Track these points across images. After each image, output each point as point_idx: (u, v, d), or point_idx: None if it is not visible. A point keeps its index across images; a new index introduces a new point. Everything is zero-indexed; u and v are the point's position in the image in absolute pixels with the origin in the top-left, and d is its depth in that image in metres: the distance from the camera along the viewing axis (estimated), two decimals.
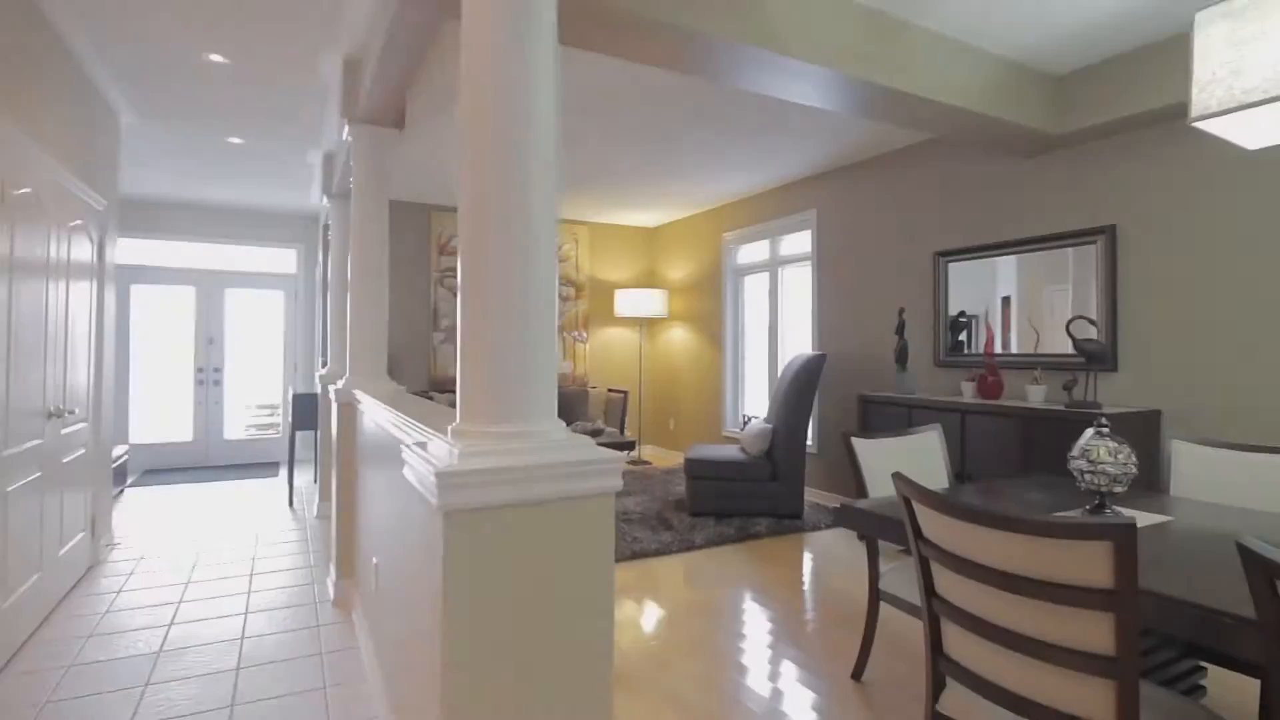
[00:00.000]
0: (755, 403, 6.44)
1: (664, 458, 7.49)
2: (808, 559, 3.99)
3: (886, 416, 4.24)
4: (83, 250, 3.51)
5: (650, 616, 3.12)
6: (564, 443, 1.20)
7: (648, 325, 7.86)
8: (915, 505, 1.55)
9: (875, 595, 2.41)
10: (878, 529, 1.97)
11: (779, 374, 5.96)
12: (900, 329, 4.44)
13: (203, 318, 6.95)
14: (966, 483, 3.71)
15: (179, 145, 4.78)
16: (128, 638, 2.86)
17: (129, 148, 4.86)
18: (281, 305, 7.32)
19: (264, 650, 2.76)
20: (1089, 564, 1.25)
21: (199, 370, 6.94)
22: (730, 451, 4.95)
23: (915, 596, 2.23)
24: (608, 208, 6.84)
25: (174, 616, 3.09)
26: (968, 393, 4.05)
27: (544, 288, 1.20)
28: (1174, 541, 1.77)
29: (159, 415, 6.81)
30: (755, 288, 6.41)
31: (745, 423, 6.31)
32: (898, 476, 1.58)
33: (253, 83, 3.65)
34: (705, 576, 3.67)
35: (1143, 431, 3.28)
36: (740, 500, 4.74)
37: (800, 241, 5.77)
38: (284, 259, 7.33)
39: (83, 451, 3.56)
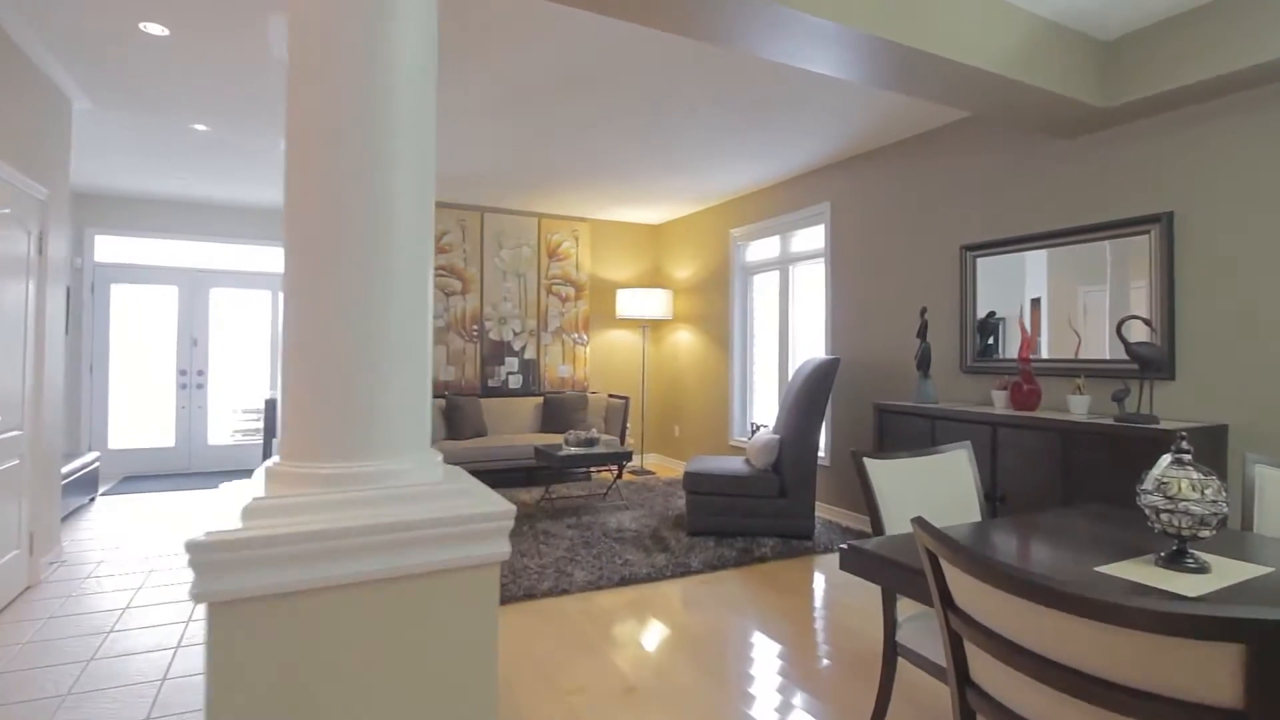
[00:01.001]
0: (765, 410, 6.01)
1: (668, 467, 7.08)
2: (819, 586, 3.56)
3: (906, 428, 3.80)
4: (14, 243, 3.19)
5: (633, 655, 2.72)
6: (427, 489, 0.81)
7: (652, 327, 7.46)
8: (944, 564, 1.15)
9: (891, 650, 1.99)
10: (894, 580, 1.55)
11: (789, 380, 5.53)
12: (922, 331, 4.00)
13: (185, 318, 6.68)
14: (999, 506, 3.27)
15: (143, 134, 4.49)
16: (38, 677, 2.52)
17: (95, 138, 4.57)
18: (269, 305, 7.03)
19: (185, 697, 2.40)
20: (1203, 672, 0.84)
21: (181, 373, 6.66)
22: (734, 464, 4.53)
23: (943, 657, 1.81)
24: (609, 203, 6.47)
25: (97, 650, 2.75)
26: (999, 402, 3.60)
27: (408, 279, 0.83)
28: None
29: (139, 420, 6.54)
30: (765, 287, 5.99)
31: (754, 431, 5.89)
32: (919, 524, 1.17)
33: (199, 58, 3.32)
34: (701, 607, 3.26)
35: (1208, 450, 2.82)
36: (744, 518, 4.32)
37: (813, 237, 5.35)
38: (271, 257, 7.05)
39: (16, 462, 3.24)
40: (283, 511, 0.74)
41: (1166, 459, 1.57)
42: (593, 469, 6.57)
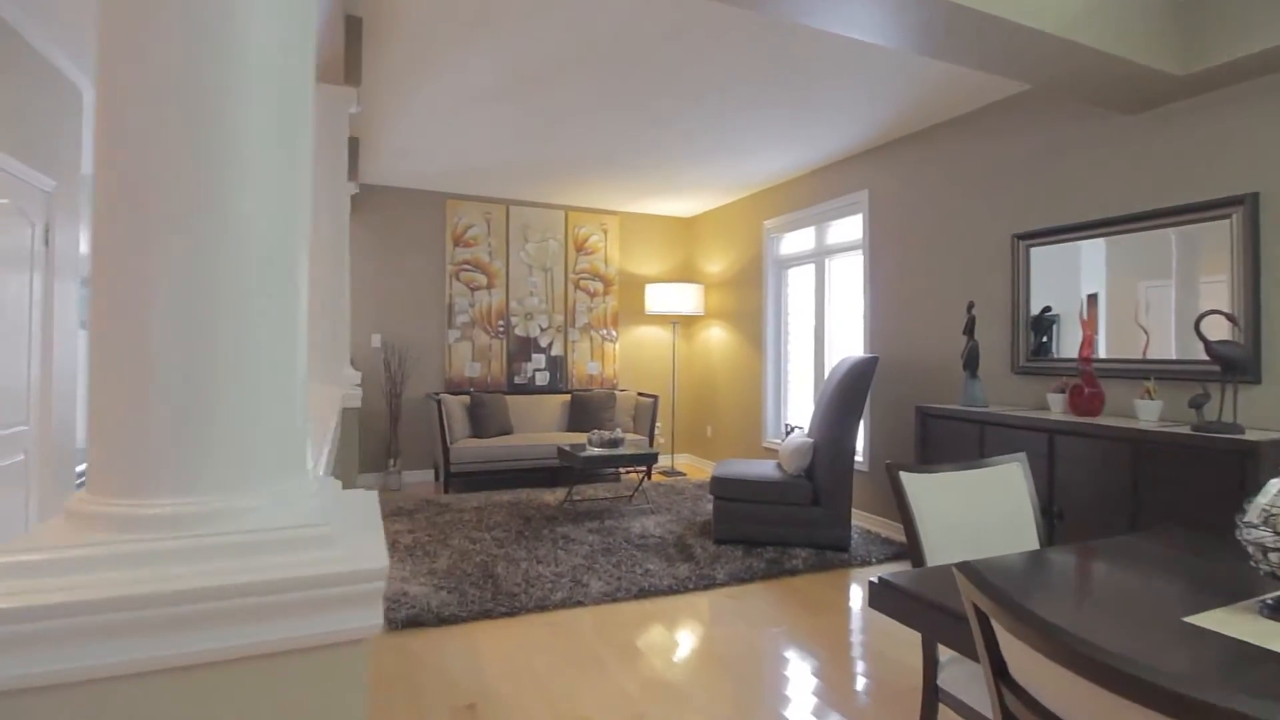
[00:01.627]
0: (800, 411, 5.73)
1: (700, 469, 6.85)
2: (854, 604, 3.30)
3: (951, 433, 3.49)
4: (15, 235, 3.14)
5: (645, 676, 2.51)
6: (272, 537, 0.60)
7: (682, 323, 7.23)
8: (996, 626, 0.90)
9: (932, 695, 1.74)
10: (935, 627, 1.31)
11: (825, 380, 5.24)
12: (969, 328, 3.68)
13: None
14: (1056, 523, 2.95)
15: None
16: None
17: None
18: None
19: None
20: None
21: None
22: (764, 469, 4.28)
23: (990, 709, 1.55)
24: (638, 195, 6.25)
25: None
26: (1056, 407, 3.27)
27: (266, 246, 0.63)
28: None
29: None
30: (800, 281, 5.70)
31: (788, 433, 5.61)
32: (965, 573, 0.93)
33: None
34: (725, 624, 3.03)
35: None
36: (774, 527, 4.06)
37: (850, 228, 5.04)
38: None
39: (21, 458, 3.20)
40: (41, 571, 0.55)
41: (1275, 484, 1.29)
42: (621, 469, 6.39)
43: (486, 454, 5.56)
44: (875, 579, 1.45)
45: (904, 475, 1.85)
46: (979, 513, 1.89)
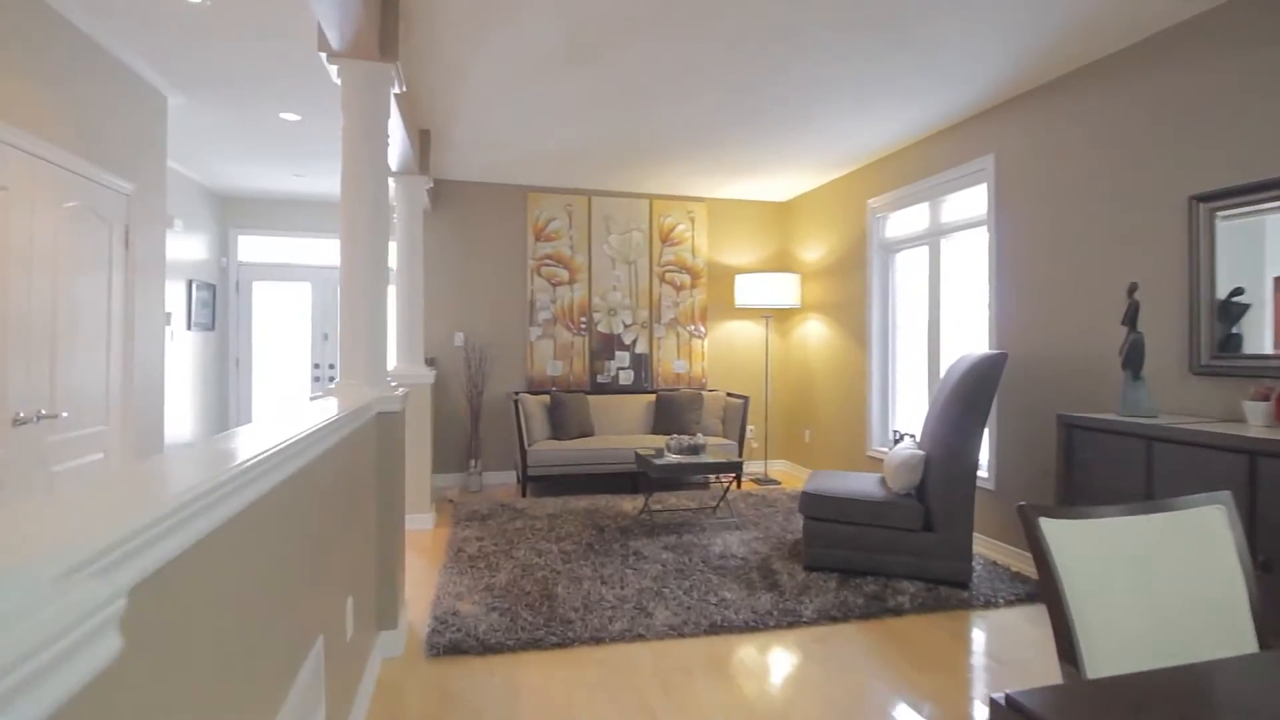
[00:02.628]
0: (912, 416, 5.03)
1: (797, 477, 6.26)
2: (976, 658, 2.69)
3: (1107, 452, 2.78)
4: (90, 236, 3.15)
5: None
6: None
7: (776, 317, 6.64)
8: None
9: None
10: None
11: (939, 380, 4.54)
12: (1130, 317, 2.93)
13: (318, 314, 6.89)
14: (1261, 575, 2.20)
15: (238, 128, 4.47)
16: None
17: (208, 137, 4.65)
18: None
19: None
20: None
21: (315, 366, 6.89)
22: (864, 484, 3.69)
23: None
24: (727, 178, 5.76)
25: None
26: (1256, 418, 2.50)
27: None
28: None
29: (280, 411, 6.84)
30: (909, 267, 5.00)
31: (896, 441, 4.94)
32: None
33: (239, 29, 3.10)
34: (808, 674, 2.53)
35: None
36: (877, 554, 3.48)
37: (971, 201, 4.30)
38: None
39: (99, 456, 3.23)
40: None
41: None
42: (709, 476, 5.93)
43: (565, 457, 5.29)
44: (999, 698, 0.94)
45: (1045, 523, 1.30)
46: (1163, 583, 1.30)
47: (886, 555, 3.46)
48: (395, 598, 2.71)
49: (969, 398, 3.36)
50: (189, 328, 5.90)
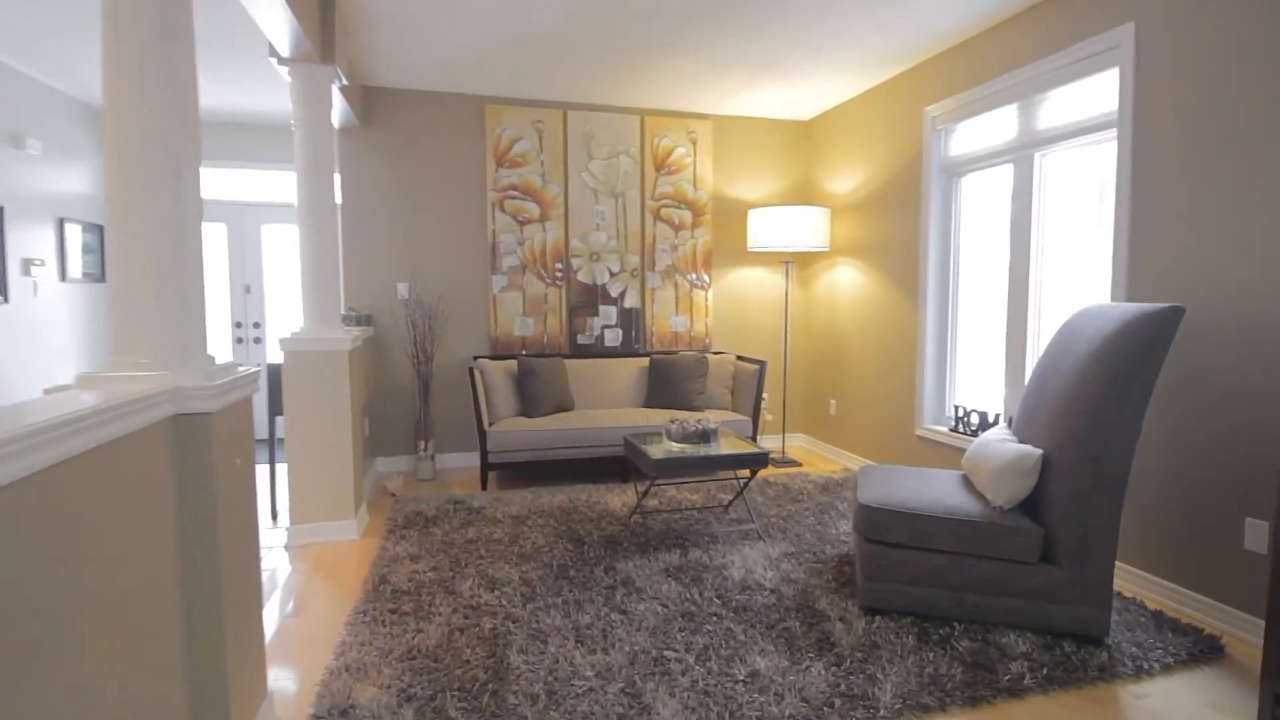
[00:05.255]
0: (980, 388, 3.96)
1: (820, 457, 5.21)
2: None
3: None
4: None
5: None
6: None
7: (798, 262, 5.50)
8: None
9: None
10: None
11: (1039, 341, 3.45)
12: None
13: (237, 262, 5.67)
14: None
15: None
16: None
17: (65, 24, 3.36)
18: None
19: None
20: None
21: (237, 325, 5.70)
22: (944, 491, 2.62)
23: None
24: (738, 87, 4.53)
25: None
26: None
27: None
28: None
29: None
30: (981, 194, 3.85)
31: (959, 418, 3.87)
32: None
33: None
34: None
35: None
36: (970, 592, 2.43)
37: (1088, 98, 3.12)
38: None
39: None
40: None
41: None
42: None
43: (536, 439, 4.20)
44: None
45: None
46: None
47: (984, 596, 2.42)
48: (239, 689, 1.63)
49: (1120, 374, 2.26)
50: (62, 278, 4.68)
